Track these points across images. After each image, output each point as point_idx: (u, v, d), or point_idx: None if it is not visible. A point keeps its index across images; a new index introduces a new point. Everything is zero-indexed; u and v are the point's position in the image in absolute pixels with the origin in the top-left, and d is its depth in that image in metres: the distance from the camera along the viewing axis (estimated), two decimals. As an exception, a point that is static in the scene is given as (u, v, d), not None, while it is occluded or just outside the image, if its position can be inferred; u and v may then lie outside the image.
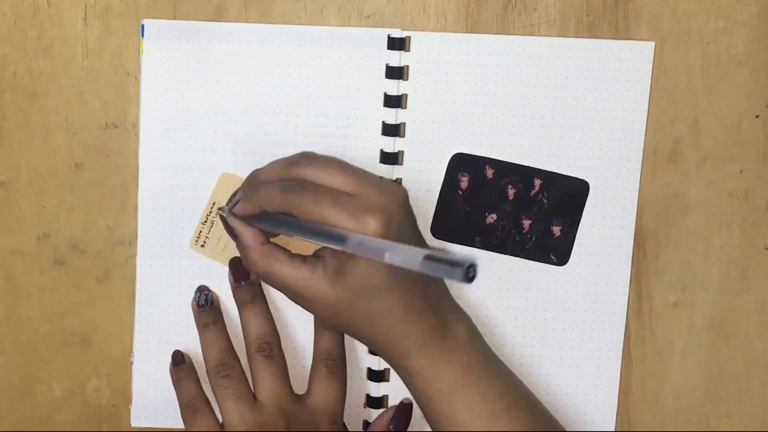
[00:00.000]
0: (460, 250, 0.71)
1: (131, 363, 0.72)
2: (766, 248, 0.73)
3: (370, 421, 0.73)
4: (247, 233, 0.65)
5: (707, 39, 0.71)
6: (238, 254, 0.68)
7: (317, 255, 0.65)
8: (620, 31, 0.70)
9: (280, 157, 0.68)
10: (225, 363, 0.68)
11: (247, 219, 0.65)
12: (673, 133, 0.72)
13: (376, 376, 0.72)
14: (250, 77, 0.69)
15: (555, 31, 0.70)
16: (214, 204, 0.70)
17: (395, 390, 0.73)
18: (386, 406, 0.73)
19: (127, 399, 0.73)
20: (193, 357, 0.71)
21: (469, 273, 0.54)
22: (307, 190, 0.63)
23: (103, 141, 0.70)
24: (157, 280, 0.71)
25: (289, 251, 0.65)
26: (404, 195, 0.64)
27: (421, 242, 0.66)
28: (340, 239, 0.60)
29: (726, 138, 0.72)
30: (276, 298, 0.71)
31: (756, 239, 0.73)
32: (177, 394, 0.70)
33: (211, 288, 0.71)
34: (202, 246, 0.71)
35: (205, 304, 0.71)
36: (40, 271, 0.71)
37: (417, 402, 0.67)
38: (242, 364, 0.69)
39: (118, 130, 0.70)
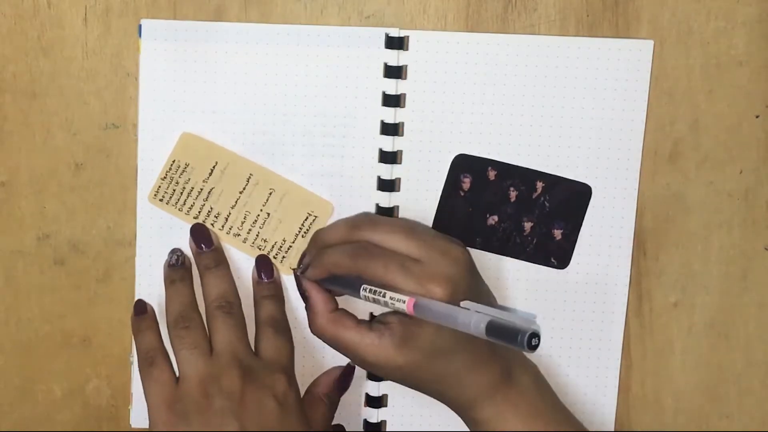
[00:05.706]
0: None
1: (131, 363, 0.72)
2: (766, 248, 0.73)
3: (370, 420, 0.73)
4: (318, 299, 0.67)
5: (707, 39, 0.71)
6: (200, 221, 0.70)
7: (382, 321, 0.66)
8: (620, 32, 0.70)
9: (278, 156, 0.69)
10: (185, 315, 0.67)
11: (317, 281, 0.67)
12: (673, 133, 0.72)
13: (376, 375, 0.72)
14: (248, 77, 0.69)
15: (555, 32, 0.70)
16: (174, 161, 0.70)
17: (394, 389, 0.73)
18: (386, 406, 0.73)
19: (127, 399, 0.73)
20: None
21: (531, 342, 0.56)
22: (375, 255, 0.64)
23: (103, 141, 0.70)
24: (157, 280, 0.71)
25: (356, 318, 0.67)
26: (468, 259, 0.65)
27: (486, 301, 0.65)
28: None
29: (726, 138, 0.72)
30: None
31: (756, 239, 0.73)
32: (136, 345, 0.69)
33: None
34: (161, 200, 0.70)
35: (176, 264, 0.70)
36: (40, 271, 0.71)
37: None
38: (203, 321, 0.68)
39: (118, 131, 0.70)
